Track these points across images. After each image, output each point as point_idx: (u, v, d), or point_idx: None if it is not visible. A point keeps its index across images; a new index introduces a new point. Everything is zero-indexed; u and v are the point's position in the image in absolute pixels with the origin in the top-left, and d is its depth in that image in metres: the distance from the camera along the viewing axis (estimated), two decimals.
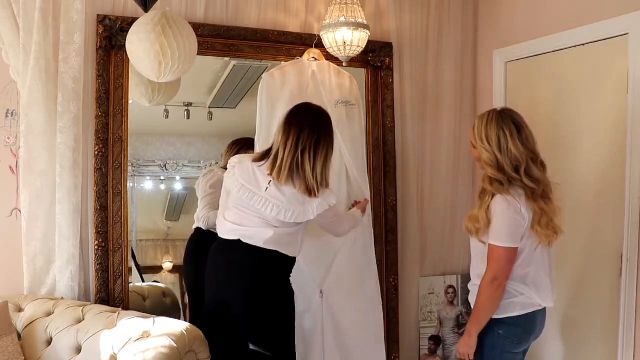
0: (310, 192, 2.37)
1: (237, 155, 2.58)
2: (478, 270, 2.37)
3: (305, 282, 2.69)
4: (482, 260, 2.31)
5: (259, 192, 2.39)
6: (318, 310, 2.95)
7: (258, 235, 2.39)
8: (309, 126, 2.40)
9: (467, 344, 2.33)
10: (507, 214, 2.22)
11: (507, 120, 2.30)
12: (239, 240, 2.42)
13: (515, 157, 2.26)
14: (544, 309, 2.39)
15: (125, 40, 2.56)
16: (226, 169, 2.57)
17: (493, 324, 2.29)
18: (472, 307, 2.42)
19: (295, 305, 2.56)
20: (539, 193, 2.26)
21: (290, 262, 2.49)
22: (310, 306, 2.93)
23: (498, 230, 2.24)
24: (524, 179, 2.25)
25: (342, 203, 3.04)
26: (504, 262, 2.23)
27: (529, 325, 2.33)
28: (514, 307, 2.29)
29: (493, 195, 2.27)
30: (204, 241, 2.80)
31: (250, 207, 2.41)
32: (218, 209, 2.61)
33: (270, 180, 2.39)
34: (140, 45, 2.40)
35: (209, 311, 2.51)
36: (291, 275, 2.54)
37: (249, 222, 2.42)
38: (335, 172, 3.02)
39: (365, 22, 2.98)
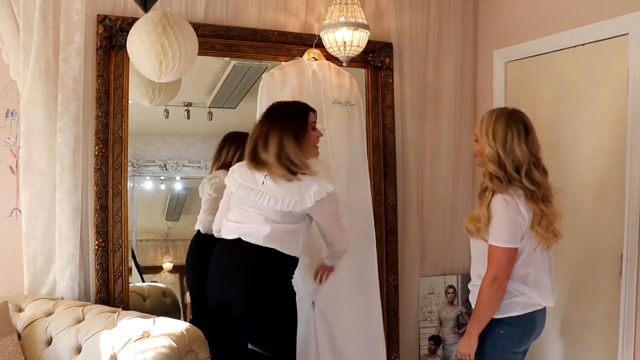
0: (291, 172, 2.38)
1: (237, 164, 2.61)
2: (478, 270, 2.36)
3: (298, 292, 2.70)
4: (483, 261, 2.30)
5: (255, 187, 2.42)
6: (310, 321, 2.92)
7: (257, 232, 2.39)
8: (261, 121, 2.50)
9: (468, 344, 2.33)
10: (507, 214, 2.22)
11: (517, 121, 2.30)
12: (239, 239, 2.43)
13: (518, 158, 2.25)
14: (544, 308, 2.39)
15: (125, 40, 2.56)
16: (224, 167, 2.58)
17: (494, 323, 2.29)
18: (473, 307, 2.42)
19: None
20: (539, 196, 2.26)
21: (291, 262, 2.48)
22: (302, 317, 2.90)
23: (498, 230, 2.24)
24: (524, 180, 2.25)
25: (340, 202, 3.05)
26: (504, 262, 2.23)
27: (530, 325, 2.33)
28: (514, 307, 2.29)
29: (493, 193, 2.27)
30: (206, 242, 2.81)
31: (249, 203, 2.43)
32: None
33: (266, 175, 2.41)
34: (141, 46, 2.41)
35: (210, 311, 2.52)
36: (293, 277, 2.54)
37: (248, 219, 2.43)
38: (332, 172, 3.04)
39: (365, 22, 2.98)
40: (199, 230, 2.99)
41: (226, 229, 2.50)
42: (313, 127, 2.53)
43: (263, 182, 2.41)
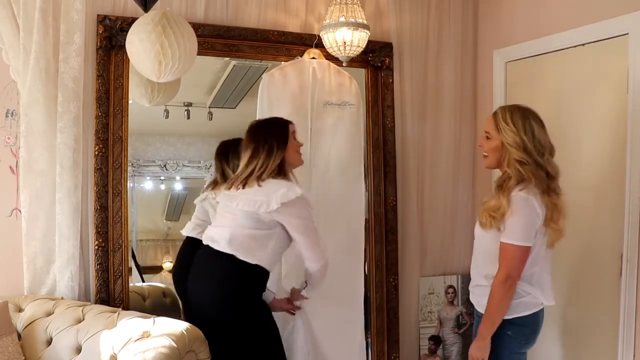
0: (257, 179, 2.40)
1: None
2: (485, 270, 2.34)
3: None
4: (492, 260, 2.28)
5: (234, 194, 2.44)
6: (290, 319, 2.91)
7: (222, 237, 2.40)
8: (246, 145, 2.53)
9: (480, 348, 2.28)
10: (525, 212, 2.20)
11: (532, 112, 2.32)
12: (208, 246, 2.45)
13: (540, 143, 2.25)
14: (544, 307, 2.38)
15: (125, 40, 2.56)
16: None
17: (502, 324, 2.27)
18: (476, 307, 2.40)
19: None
20: (553, 188, 2.26)
21: (257, 272, 2.41)
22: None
23: (514, 228, 2.21)
24: (548, 166, 2.25)
25: (333, 203, 3.08)
26: (518, 261, 2.21)
27: (535, 324, 2.33)
28: (522, 308, 2.28)
29: (518, 182, 2.25)
30: (195, 249, 2.80)
31: (226, 208, 2.45)
32: None
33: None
34: (140, 45, 2.41)
35: (187, 314, 2.56)
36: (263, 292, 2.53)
37: (221, 222, 2.47)
38: (320, 174, 3.05)
39: (365, 22, 2.98)
40: (188, 237, 2.93)
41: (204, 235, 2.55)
42: (294, 137, 2.54)
43: (238, 189, 2.43)
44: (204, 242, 2.49)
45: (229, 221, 2.43)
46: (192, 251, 2.61)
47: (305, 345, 2.95)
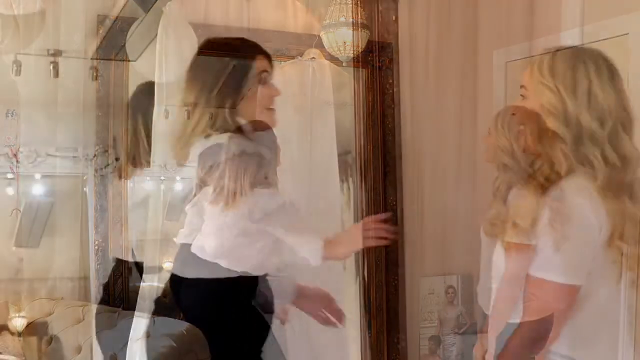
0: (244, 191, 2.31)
1: None
2: (492, 272, 2.34)
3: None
4: (498, 262, 2.28)
5: (219, 205, 2.36)
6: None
7: (207, 245, 2.33)
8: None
9: (484, 347, 2.30)
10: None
11: (533, 118, 2.30)
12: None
13: (531, 153, 2.24)
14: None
15: (125, 40, 2.57)
16: None
17: (509, 328, 2.27)
18: (485, 311, 2.39)
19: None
20: (551, 193, 2.25)
21: (243, 281, 2.34)
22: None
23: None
24: (538, 175, 2.23)
25: (333, 204, 3.09)
26: (523, 259, 2.20)
27: (543, 330, 2.32)
28: (531, 312, 2.27)
29: (508, 187, 2.24)
30: None
31: (212, 218, 2.37)
32: None
33: None
34: (140, 45, 2.41)
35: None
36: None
37: (207, 231, 2.38)
38: (320, 175, 3.06)
39: (365, 22, 2.99)
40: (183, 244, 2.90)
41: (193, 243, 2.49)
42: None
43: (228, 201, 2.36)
44: (192, 250, 2.48)
45: (214, 230, 2.41)
46: None
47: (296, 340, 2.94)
